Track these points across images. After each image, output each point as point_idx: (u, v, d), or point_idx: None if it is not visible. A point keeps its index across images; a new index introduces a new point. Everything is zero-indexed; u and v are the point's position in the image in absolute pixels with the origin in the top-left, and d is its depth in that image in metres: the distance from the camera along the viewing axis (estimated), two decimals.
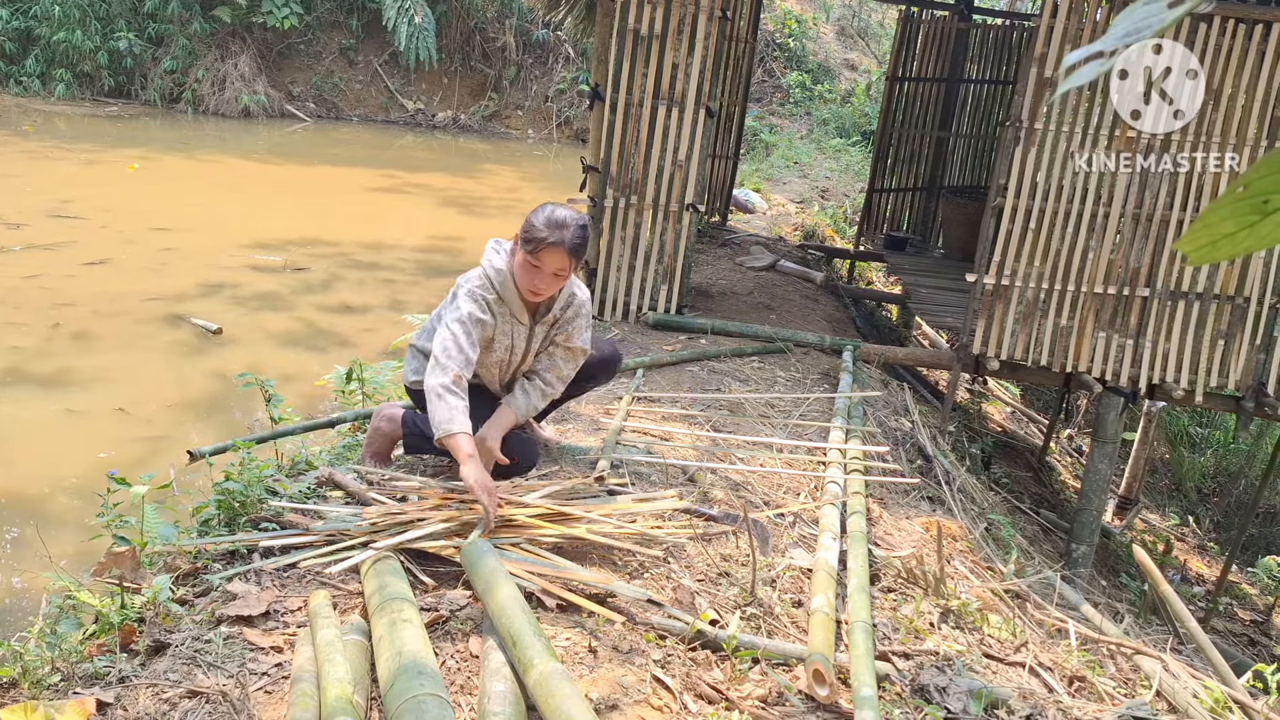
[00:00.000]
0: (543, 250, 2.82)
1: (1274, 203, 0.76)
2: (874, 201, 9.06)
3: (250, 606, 2.24)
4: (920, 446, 4.56)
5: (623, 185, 5.45)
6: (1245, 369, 5.25)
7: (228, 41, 17.83)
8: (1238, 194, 0.77)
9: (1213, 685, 2.78)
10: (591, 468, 3.21)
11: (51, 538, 3.95)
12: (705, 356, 4.85)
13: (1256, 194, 0.76)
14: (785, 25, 19.27)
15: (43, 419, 5.64)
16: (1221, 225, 0.79)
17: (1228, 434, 9.35)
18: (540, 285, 2.90)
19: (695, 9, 5.26)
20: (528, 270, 2.88)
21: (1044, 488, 7.48)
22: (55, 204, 10.26)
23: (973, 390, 8.92)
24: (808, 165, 14.99)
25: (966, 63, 9.00)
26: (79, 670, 2.02)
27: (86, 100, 17.22)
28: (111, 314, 7.31)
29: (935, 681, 2.27)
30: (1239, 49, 4.87)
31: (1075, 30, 4.90)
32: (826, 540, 2.81)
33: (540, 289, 2.91)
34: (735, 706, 2.06)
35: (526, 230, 2.86)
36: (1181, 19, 0.73)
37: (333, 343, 7.11)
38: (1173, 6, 0.73)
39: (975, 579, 3.19)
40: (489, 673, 1.94)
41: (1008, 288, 5.21)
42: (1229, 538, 7.87)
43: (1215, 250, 0.80)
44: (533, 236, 2.83)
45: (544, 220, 2.84)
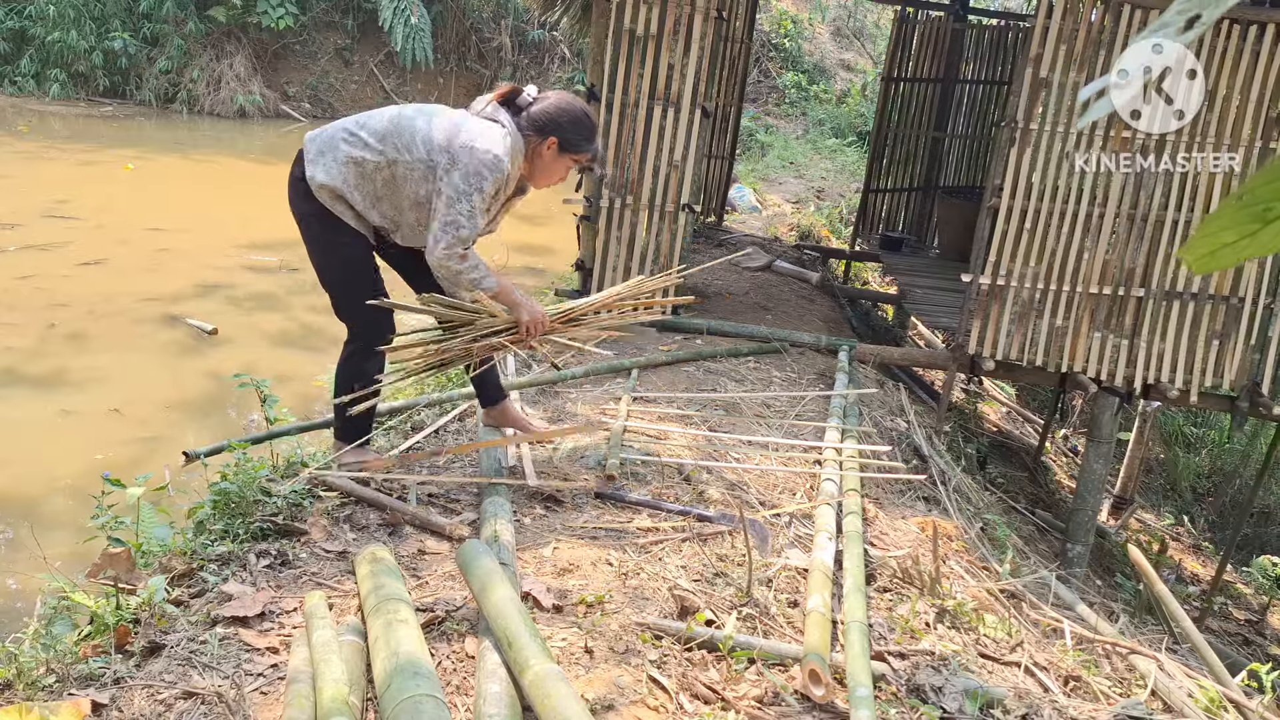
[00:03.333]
0: (586, 156, 3.11)
1: (1275, 210, 0.76)
2: (869, 202, 9.07)
3: (246, 607, 2.23)
4: (916, 446, 4.56)
5: (618, 185, 5.45)
6: (1240, 369, 5.26)
7: (223, 42, 17.80)
8: (1238, 202, 0.77)
9: (1208, 684, 2.79)
10: (600, 466, 3.21)
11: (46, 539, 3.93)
12: (701, 356, 4.85)
13: (1257, 202, 0.76)
14: (781, 26, 19.28)
15: (37, 420, 5.63)
16: (1222, 234, 0.79)
17: (1222, 434, 9.38)
18: (558, 179, 3.16)
19: (691, 9, 5.26)
20: (560, 165, 3.10)
21: (1039, 487, 7.49)
22: (50, 204, 10.23)
23: (968, 390, 8.93)
24: (803, 165, 15.00)
25: (962, 63, 9.01)
26: (74, 671, 2.02)
27: (81, 100, 17.18)
28: (106, 314, 7.29)
29: (931, 681, 2.27)
30: (1234, 49, 4.88)
31: (1070, 31, 4.91)
32: (822, 540, 2.81)
33: (555, 181, 3.16)
34: (731, 706, 2.06)
35: (581, 140, 3.07)
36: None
37: (328, 343, 7.09)
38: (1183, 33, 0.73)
39: (971, 579, 3.20)
40: (485, 673, 1.94)
41: (1003, 288, 5.22)
42: (1224, 537, 7.88)
43: (1216, 259, 0.80)
44: (579, 145, 3.07)
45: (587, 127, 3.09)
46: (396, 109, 3.09)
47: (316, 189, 3.00)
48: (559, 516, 2.89)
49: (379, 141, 3.00)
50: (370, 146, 3.00)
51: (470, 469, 3.22)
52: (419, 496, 2.96)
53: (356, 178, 3.01)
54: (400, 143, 3.00)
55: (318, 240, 3.11)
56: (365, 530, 2.74)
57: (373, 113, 3.12)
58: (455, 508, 2.94)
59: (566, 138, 3.07)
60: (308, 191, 3.02)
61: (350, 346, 3.19)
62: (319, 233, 3.08)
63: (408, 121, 3.02)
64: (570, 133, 3.07)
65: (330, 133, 3.05)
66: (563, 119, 3.07)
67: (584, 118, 3.10)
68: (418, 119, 3.03)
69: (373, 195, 3.05)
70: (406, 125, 3.01)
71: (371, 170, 3.01)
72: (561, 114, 3.07)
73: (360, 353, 3.17)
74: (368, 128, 3.02)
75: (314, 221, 3.06)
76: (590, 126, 3.11)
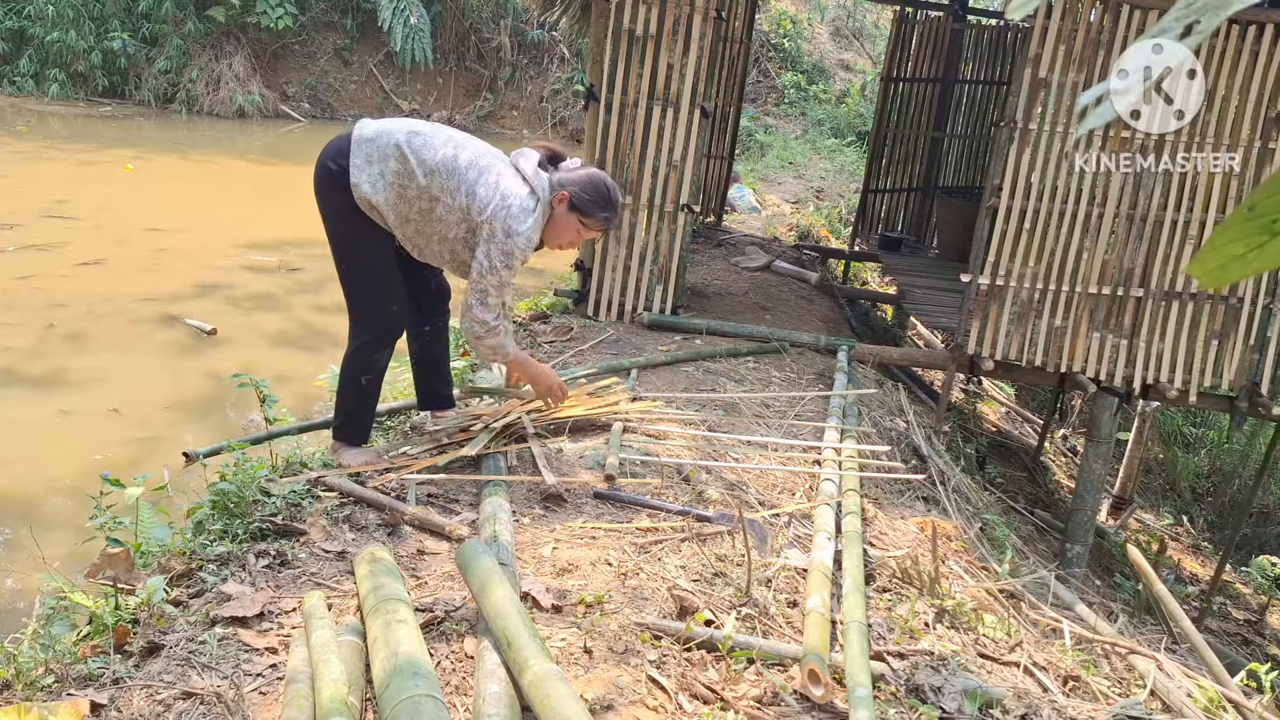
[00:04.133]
0: (601, 227, 3.19)
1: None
2: (869, 202, 9.07)
3: (245, 607, 2.23)
4: (915, 446, 4.57)
5: (618, 185, 5.45)
6: (1239, 369, 5.27)
7: (222, 42, 17.80)
8: (1245, 215, 0.77)
9: (1207, 684, 2.79)
10: (600, 468, 3.21)
11: (45, 539, 3.93)
12: (700, 357, 4.85)
13: (1264, 214, 0.76)
14: (780, 26, 19.29)
15: (36, 420, 5.62)
16: (1230, 247, 0.78)
17: (1222, 434, 9.39)
18: (574, 244, 3.26)
19: (690, 9, 5.26)
20: (575, 232, 3.18)
21: (1039, 488, 7.49)
22: (49, 204, 10.23)
23: (967, 390, 8.93)
24: (803, 166, 15.00)
25: (961, 63, 9.02)
26: (73, 671, 2.02)
27: (80, 100, 17.18)
28: (105, 314, 7.29)
29: (930, 681, 2.27)
30: (1233, 50, 4.88)
31: (1069, 31, 4.91)
32: (822, 540, 2.81)
33: (565, 245, 3.24)
34: (730, 706, 2.06)
35: (591, 203, 3.12)
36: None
37: (327, 343, 7.09)
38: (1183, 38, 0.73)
39: (970, 579, 3.20)
40: (484, 674, 1.94)
41: (1002, 288, 5.22)
42: (1223, 537, 7.89)
43: (1225, 272, 0.80)
44: (597, 216, 3.14)
45: (610, 200, 3.16)
46: (454, 148, 3.11)
47: (358, 197, 3.05)
48: (558, 516, 2.89)
49: (426, 176, 3.06)
50: (417, 178, 3.05)
51: (470, 469, 3.22)
52: (418, 496, 2.96)
53: (397, 199, 3.07)
54: (449, 186, 3.06)
55: (349, 234, 3.16)
56: (364, 530, 2.74)
57: (431, 136, 3.13)
58: (455, 508, 2.94)
59: (579, 200, 3.12)
60: (346, 189, 3.06)
61: (359, 340, 3.22)
62: (352, 226, 3.13)
63: (461, 170, 3.07)
64: (584, 196, 3.12)
65: (384, 144, 3.07)
66: (580, 182, 3.14)
67: (605, 190, 3.16)
68: (469, 172, 3.08)
69: (404, 217, 3.11)
70: (458, 172, 3.07)
71: (413, 197, 3.07)
72: (584, 179, 3.16)
73: (369, 346, 3.21)
74: (421, 157, 3.06)
75: (349, 216, 3.11)
76: (608, 199, 3.15)
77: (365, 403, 3.27)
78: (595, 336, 5.12)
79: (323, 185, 3.11)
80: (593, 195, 3.12)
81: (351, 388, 3.24)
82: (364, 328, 3.21)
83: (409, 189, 3.06)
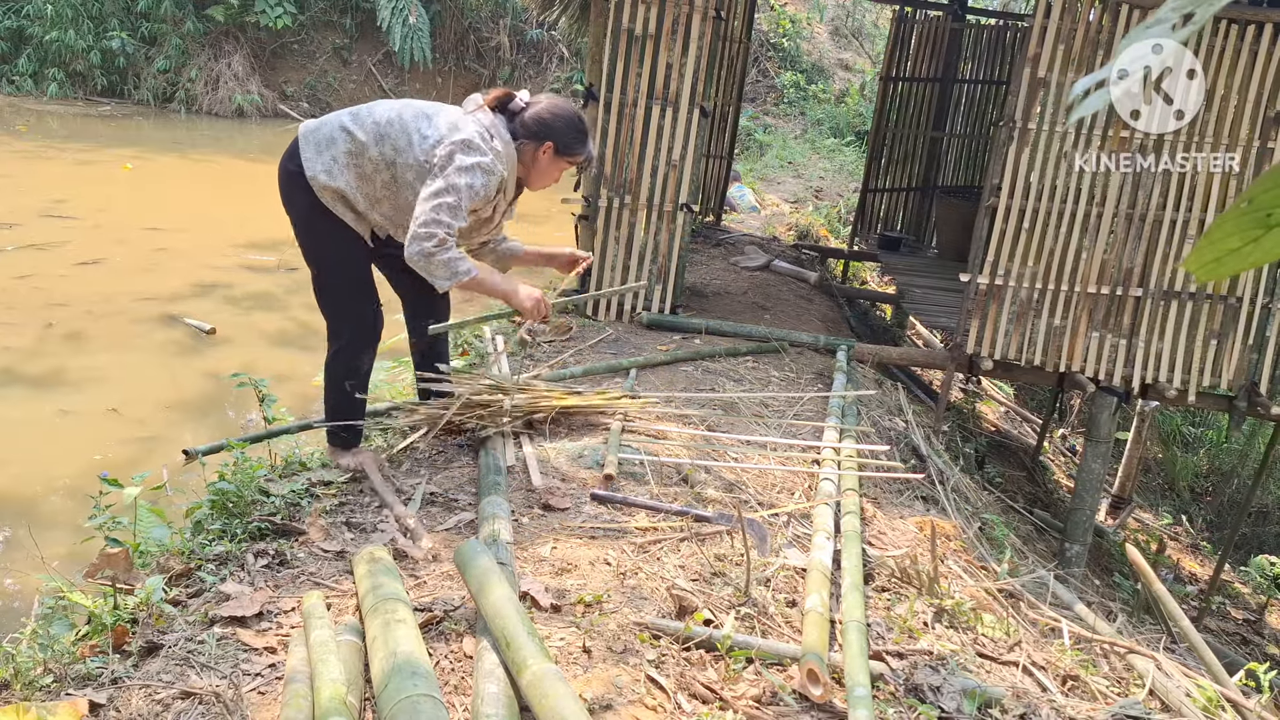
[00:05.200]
0: (581, 158, 3.19)
1: (1277, 216, 0.76)
2: (868, 201, 9.07)
3: (243, 607, 2.23)
4: (914, 446, 4.56)
5: (617, 185, 5.45)
6: (1238, 368, 5.27)
7: (221, 41, 17.79)
8: (1241, 209, 0.77)
9: (1206, 684, 2.79)
10: (599, 467, 3.21)
11: (44, 539, 3.93)
12: (699, 356, 4.85)
13: (1260, 208, 0.76)
14: (779, 25, 19.28)
15: (35, 420, 5.62)
16: (1227, 241, 0.79)
17: (1220, 433, 9.39)
18: (553, 180, 3.25)
19: (689, 9, 5.26)
20: (555, 168, 3.19)
21: (1038, 487, 7.50)
22: (48, 204, 10.22)
23: (967, 390, 8.94)
24: (802, 165, 15.00)
25: (960, 63, 9.02)
26: (71, 671, 2.02)
27: (79, 100, 17.16)
28: (104, 314, 7.28)
29: (929, 681, 2.27)
30: (1231, 49, 4.88)
31: (1069, 30, 4.91)
32: (820, 540, 2.81)
33: (551, 183, 3.25)
34: (729, 706, 2.06)
35: (574, 143, 3.15)
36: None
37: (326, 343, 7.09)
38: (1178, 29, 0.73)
39: (969, 578, 3.20)
40: (483, 673, 1.94)
41: (1001, 287, 5.22)
42: (1222, 537, 7.89)
43: (1221, 266, 0.80)
44: (574, 148, 3.15)
45: (585, 130, 3.18)
46: (396, 108, 3.07)
47: (319, 189, 2.99)
48: (557, 516, 2.89)
49: (377, 143, 2.99)
50: (369, 150, 2.99)
51: (469, 468, 3.22)
52: (424, 496, 2.96)
53: (357, 179, 3.01)
54: (399, 143, 2.99)
55: (315, 239, 3.10)
56: (363, 530, 2.74)
57: (371, 107, 3.09)
58: (455, 507, 2.94)
59: (562, 142, 3.14)
60: (306, 187, 3.00)
61: (336, 344, 3.19)
62: (317, 232, 3.07)
63: (405, 123, 3.01)
64: (565, 136, 3.14)
65: (328, 129, 3.03)
66: (557, 124, 3.12)
67: (577, 121, 3.16)
68: (416, 121, 3.02)
69: (372, 197, 3.04)
70: (403, 126, 3.00)
71: (370, 171, 3.00)
72: (556, 119, 3.13)
73: (348, 350, 3.17)
74: (364, 126, 3.01)
75: (313, 219, 3.05)
76: (583, 129, 3.17)
77: (354, 406, 3.23)
78: (594, 336, 5.12)
79: (285, 190, 3.07)
80: (573, 135, 3.16)
81: (338, 393, 3.20)
82: (341, 331, 3.18)
83: (365, 165, 2.99)
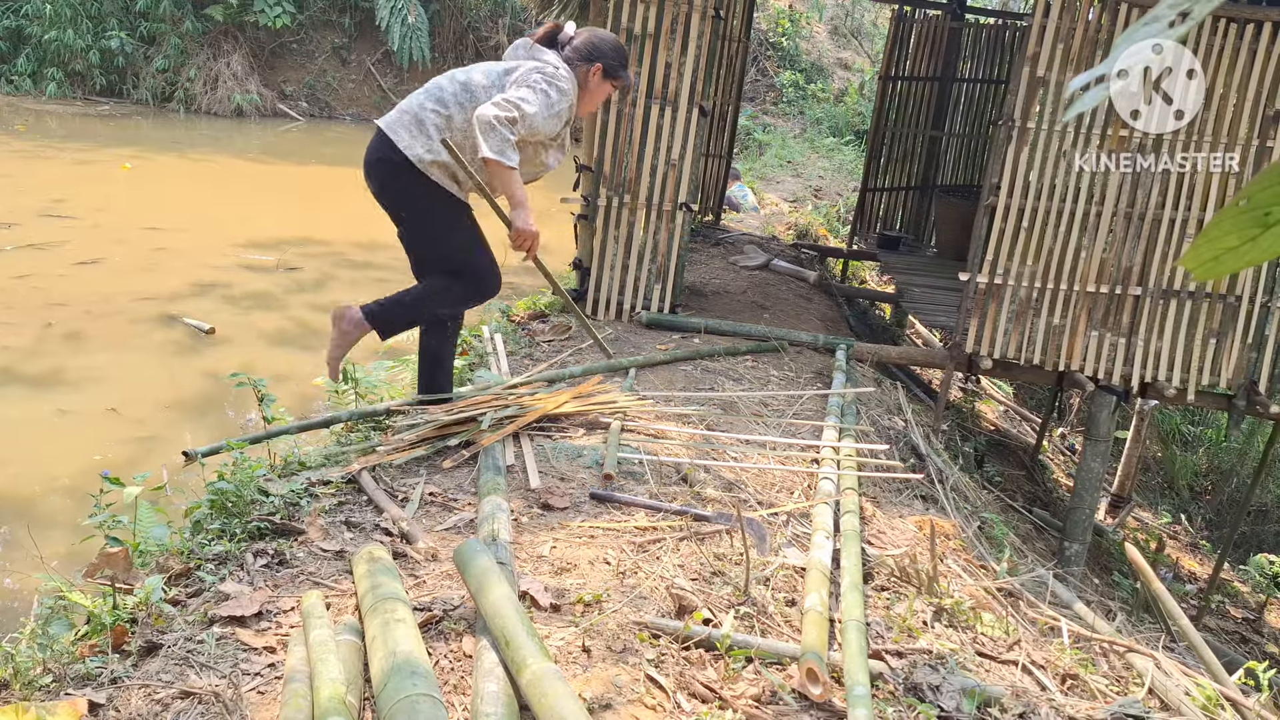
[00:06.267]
0: (624, 82, 3.44)
1: (1275, 215, 0.76)
2: (867, 200, 9.07)
3: (243, 607, 2.23)
4: (913, 445, 4.57)
5: (616, 184, 5.45)
6: (1237, 367, 5.27)
7: (220, 40, 17.78)
8: (1239, 207, 0.77)
9: (1205, 683, 2.79)
10: (598, 467, 3.21)
11: (43, 538, 3.93)
12: (699, 355, 4.85)
13: (1257, 207, 0.76)
14: (778, 24, 19.29)
15: (34, 419, 5.62)
16: (1224, 239, 0.79)
17: (1219, 432, 9.40)
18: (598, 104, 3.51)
19: (688, 8, 5.26)
20: (601, 91, 3.41)
21: (1037, 486, 7.50)
22: (47, 203, 10.22)
23: (966, 389, 8.94)
24: (801, 164, 15.00)
25: (959, 62, 9.02)
26: (71, 671, 2.02)
27: (78, 99, 17.15)
28: (103, 314, 7.28)
29: (928, 680, 2.27)
30: (1230, 48, 4.88)
31: (1068, 29, 4.91)
32: (820, 539, 2.81)
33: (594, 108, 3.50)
34: (729, 705, 2.06)
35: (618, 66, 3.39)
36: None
37: (325, 342, 7.09)
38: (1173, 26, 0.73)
39: (968, 577, 3.20)
40: (482, 673, 1.94)
41: (1000, 286, 5.22)
42: (1221, 535, 7.90)
43: (1219, 265, 0.80)
44: (619, 71, 3.39)
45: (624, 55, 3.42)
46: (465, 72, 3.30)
47: (426, 167, 3.17)
48: (556, 515, 2.89)
49: (457, 109, 3.20)
50: (453, 117, 3.20)
51: (468, 468, 3.22)
52: (423, 496, 2.96)
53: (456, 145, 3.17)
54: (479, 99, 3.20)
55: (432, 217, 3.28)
56: (362, 530, 2.74)
57: (437, 82, 3.30)
58: (454, 507, 2.94)
59: (609, 64, 3.37)
60: (413, 170, 3.17)
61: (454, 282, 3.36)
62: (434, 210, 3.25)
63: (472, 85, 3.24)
64: (611, 59, 3.38)
65: (412, 113, 3.22)
66: (604, 46, 3.38)
67: (621, 47, 3.42)
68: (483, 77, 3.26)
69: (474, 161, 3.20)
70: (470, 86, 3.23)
71: (460, 140, 3.18)
72: (603, 41, 3.39)
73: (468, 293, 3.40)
74: (441, 99, 3.22)
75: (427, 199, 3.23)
76: (625, 55, 3.46)
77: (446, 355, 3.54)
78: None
79: (389, 181, 3.24)
80: (617, 58, 3.40)
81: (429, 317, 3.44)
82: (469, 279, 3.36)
83: (455, 134, 3.18)
